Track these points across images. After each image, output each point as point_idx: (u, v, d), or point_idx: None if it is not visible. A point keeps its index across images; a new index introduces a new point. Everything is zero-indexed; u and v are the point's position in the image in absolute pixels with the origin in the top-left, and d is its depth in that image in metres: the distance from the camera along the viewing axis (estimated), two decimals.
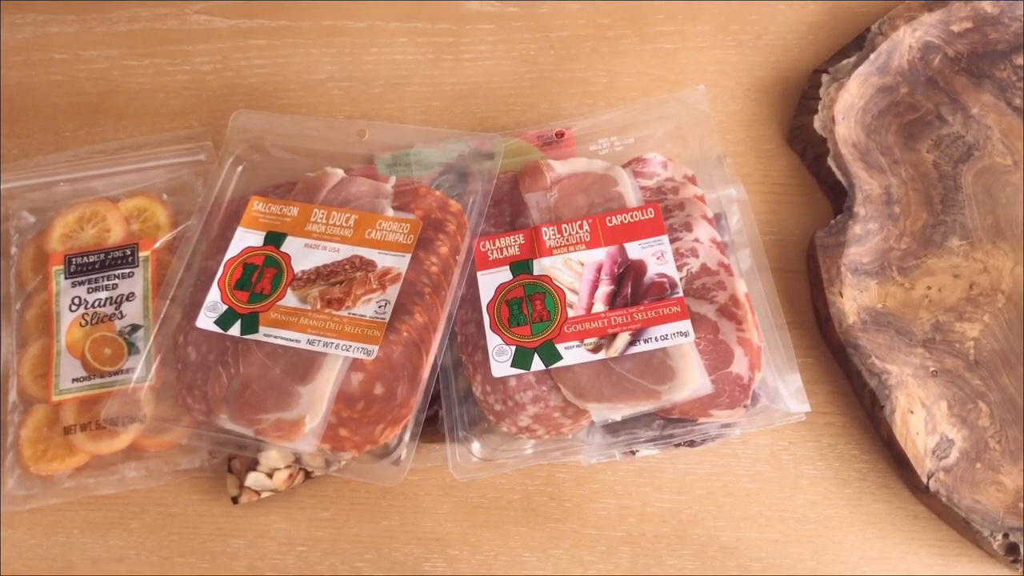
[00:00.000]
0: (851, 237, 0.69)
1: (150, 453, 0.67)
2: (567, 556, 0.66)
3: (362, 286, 0.64)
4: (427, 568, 0.66)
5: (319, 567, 0.67)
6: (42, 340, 0.69)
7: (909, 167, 0.73)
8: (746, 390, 0.60)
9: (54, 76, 0.82)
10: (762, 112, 0.78)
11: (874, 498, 0.66)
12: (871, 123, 0.75)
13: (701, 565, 0.65)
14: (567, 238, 0.65)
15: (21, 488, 0.67)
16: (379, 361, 0.61)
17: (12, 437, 0.67)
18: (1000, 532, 0.62)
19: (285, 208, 0.68)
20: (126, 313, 0.69)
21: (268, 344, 0.63)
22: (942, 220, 0.71)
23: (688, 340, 0.60)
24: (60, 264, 0.70)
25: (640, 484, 0.68)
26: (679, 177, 0.68)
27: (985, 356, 0.68)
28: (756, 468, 0.68)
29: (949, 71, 0.76)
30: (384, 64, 0.81)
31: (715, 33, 0.81)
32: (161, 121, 0.80)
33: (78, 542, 0.68)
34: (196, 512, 0.68)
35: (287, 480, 0.65)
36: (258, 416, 0.61)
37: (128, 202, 0.73)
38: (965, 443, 0.65)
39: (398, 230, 0.66)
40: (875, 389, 0.65)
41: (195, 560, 0.67)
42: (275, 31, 0.82)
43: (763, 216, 0.74)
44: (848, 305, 0.68)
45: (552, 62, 0.80)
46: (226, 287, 0.65)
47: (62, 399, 0.67)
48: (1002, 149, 0.73)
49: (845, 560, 0.65)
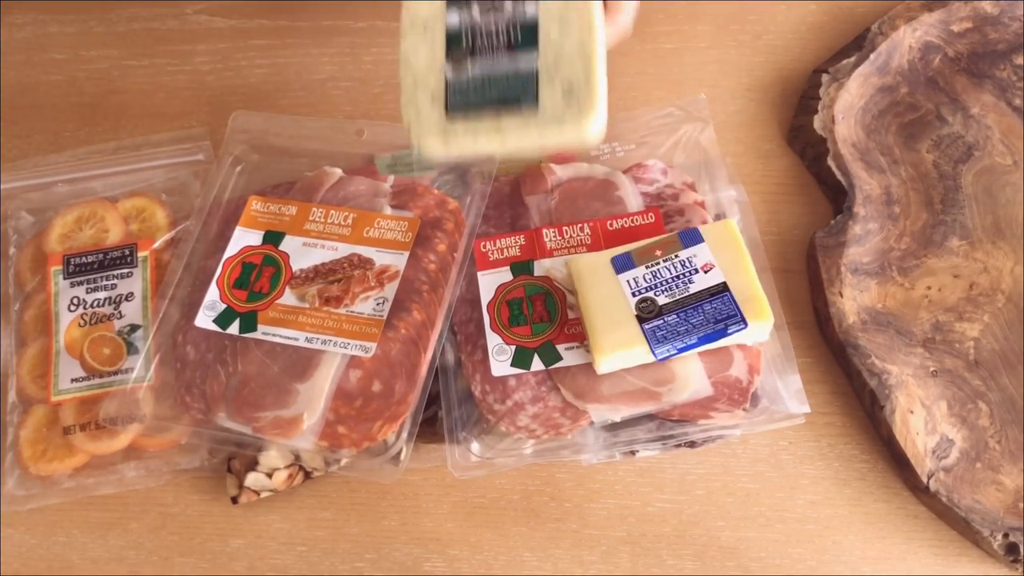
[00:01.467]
0: (851, 237, 0.69)
1: (150, 453, 0.67)
2: (567, 556, 0.66)
3: (360, 284, 0.64)
4: (427, 568, 0.66)
5: (319, 567, 0.66)
6: (41, 340, 0.69)
7: (909, 167, 0.73)
8: (745, 393, 0.60)
9: (54, 76, 0.82)
10: (762, 112, 0.78)
11: (874, 498, 0.66)
12: (871, 123, 0.75)
13: (701, 565, 0.65)
14: (568, 240, 0.66)
15: (21, 488, 0.66)
16: (377, 358, 0.61)
17: (11, 437, 0.67)
18: (1000, 532, 0.62)
19: (283, 207, 0.68)
20: (125, 313, 0.69)
21: (267, 342, 0.63)
22: (942, 220, 0.71)
23: None
24: (59, 264, 0.70)
25: (640, 484, 0.68)
26: (679, 183, 0.68)
27: (985, 356, 0.67)
28: (756, 468, 0.68)
29: (949, 71, 0.76)
30: (384, 64, 0.81)
31: (715, 33, 0.81)
32: (161, 121, 0.80)
33: (78, 542, 0.68)
34: (196, 512, 0.68)
35: (287, 480, 0.65)
36: (256, 414, 0.61)
37: (127, 202, 0.73)
38: (965, 443, 0.65)
39: (396, 228, 0.66)
40: (875, 389, 0.65)
41: (195, 560, 0.67)
42: (275, 31, 0.82)
43: (763, 216, 0.74)
44: (848, 305, 0.68)
45: None
46: (225, 286, 0.65)
47: (61, 399, 0.67)
48: (1002, 149, 0.73)
49: (845, 560, 0.65)
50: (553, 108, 0.55)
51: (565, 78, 0.55)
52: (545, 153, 0.55)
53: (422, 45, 0.58)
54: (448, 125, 0.56)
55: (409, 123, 0.57)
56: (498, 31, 0.57)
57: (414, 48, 0.58)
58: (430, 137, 0.56)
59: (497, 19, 0.57)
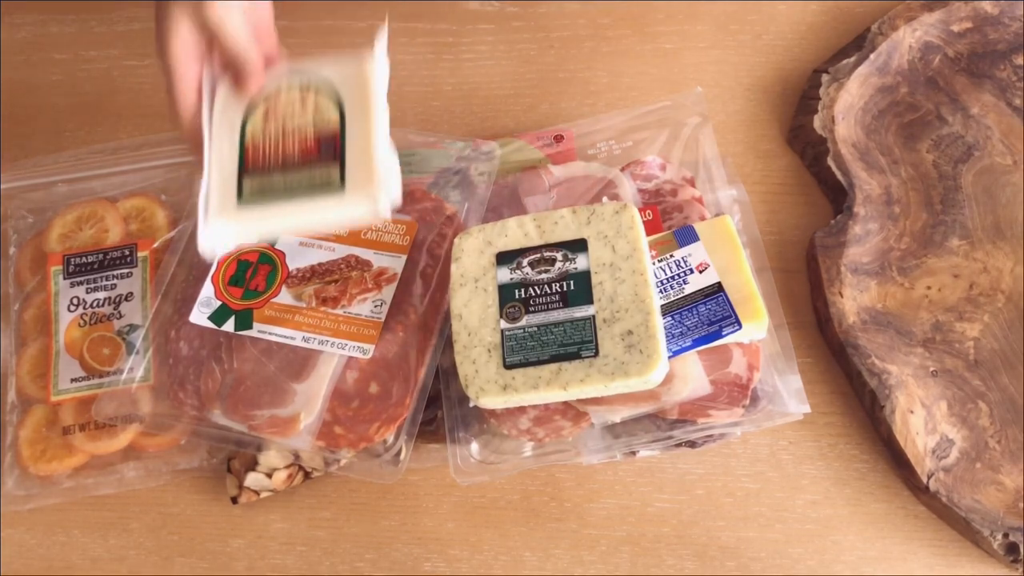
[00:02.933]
0: (851, 237, 0.69)
1: (149, 453, 0.67)
2: (567, 556, 0.66)
3: (357, 285, 0.64)
4: (427, 568, 0.66)
5: (319, 567, 0.66)
6: (41, 340, 0.69)
7: (909, 167, 0.73)
8: (745, 390, 0.60)
9: (54, 76, 0.82)
10: (762, 112, 0.78)
11: (874, 498, 0.66)
12: (871, 123, 0.75)
13: (701, 565, 0.65)
14: None
15: (20, 488, 0.67)
16: (374, 360, 0.61)
17: (11, 437, 0.67)
18: (1000, 532, 0.62)
19: None
20: (124, 313, 0.69)
21: (263, 341, 0.63)
22: (942, 220, 0.71)
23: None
24: (59, 264, 0.70)
25: (640, 484, 0.68)
26: (677, 179, 0.68)
27: (985, 356, 0.67)
28: (756, 468, 0.68)
29: (949, 71, 0.76)
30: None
31: (715, 33, 0.81)
32: (161, 121, 0.80)
33: (78, 542, 0.68)
34: (196, 512, 0.68)
35: (286, 480, 0.65)
36: (252, 412, 0.61)
37: (127, 202, 0.73)
38: (965, 443, 0.65)
39: (394, 231, 0.66)
40: (875, 389, 0.65)
41: (195, 560, 0.67)
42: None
43: (763, 216, 0.74)
44: (848, 305, 0.68)
45: (552, 62, 0.80)
46: (220, 283, 0.65)
47: (61, 399, 0.67)
48: (1002, 149, 0.73)
49: (845, 560, 0.65)
50: (615, 356, 0.56)
51: (624, 326, 0.56)
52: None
53: (475, 300, 0.60)
54: (507, 378, 0.57)
55: (466, 377, 0.58)
56: (550, 283, 0.59)
57: (466, 303, 0.60)
58: (490, 391, 0.57)
59: (548, 272, 0.59)
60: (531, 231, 0.61)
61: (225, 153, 0.58)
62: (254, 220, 0.57)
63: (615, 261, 0.59)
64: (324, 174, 0.57)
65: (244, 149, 0.58)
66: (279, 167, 0.57)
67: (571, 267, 0.59)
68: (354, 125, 0.58)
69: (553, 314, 0.58)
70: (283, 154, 0.58)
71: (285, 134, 0.58)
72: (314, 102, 0.59)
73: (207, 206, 0.57)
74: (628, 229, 0.59)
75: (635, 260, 0.58)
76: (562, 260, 0.59)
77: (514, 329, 0.58)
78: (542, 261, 0.59)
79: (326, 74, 0.60)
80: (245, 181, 0.57)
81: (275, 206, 0.57)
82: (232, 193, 0.57)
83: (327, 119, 0.58)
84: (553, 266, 0.59)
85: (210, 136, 0.58)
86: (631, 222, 0.60)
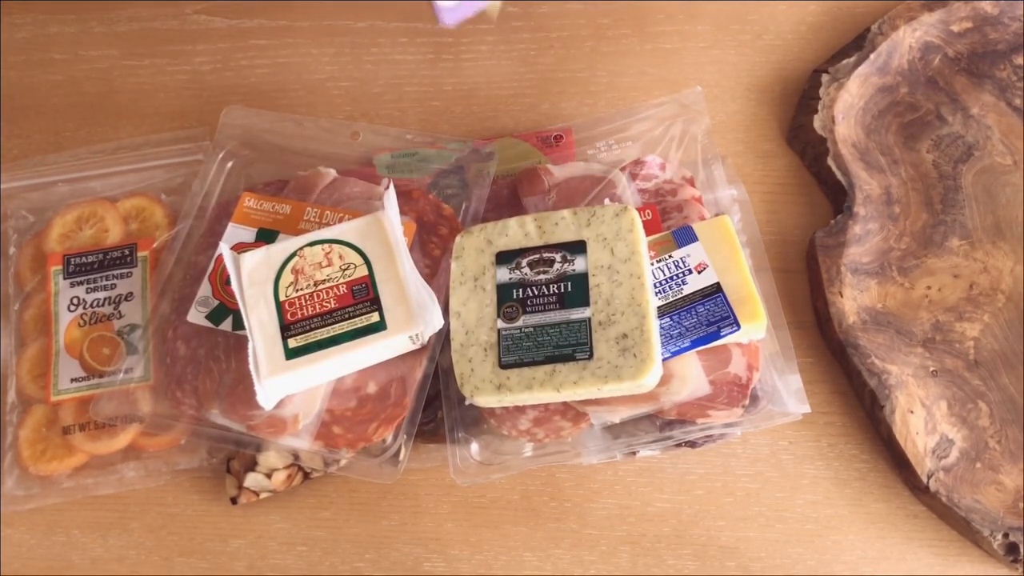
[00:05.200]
0: (851, 237, 0.69)
1: (149, 453, 0.67)
2: (567, 556, 0.66)
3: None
4: (427, 568, 0.66)
5: (319, 567, 0.66)
6: (41, 340, 0.69)
7: (909, 167, 0.73)
8: (744, 390, 0.60)
9: (54, 76, 0.82)
10: (762, 112, 0.78)
11: (874, 498, 0.66)
12: (871, 123, 0.75)
13: (701, 565, 0.65)
14: None
15: (20, 488, 0.67)
16: None
17: (11, 437, 0.67)
18: (1000, 532, 0.62)
19: (277, 205, 0.68)
20: (124, 313, 0.69)
21: None
22: (942, 220, 0.71)
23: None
24: (59, 264, 0.70)
25: (640, 484, 0.68)
26: (677, 179, 0.68)
27: (985, 356, 0.67)
28: (756, 468, 0.68)
29: (949, 71, 0.76)
30: (384, 64, 0.81)
31: (715, 33, 0.81)
32: (161, 121, 0.80)
33: (78, 542, 0.68)
34: (196, 512, 0.68)
35: (286, 481, 0.65)
36: (251, 412, 0.61)
37: (127, 202, 0.73)
38: (965, 443, 0.65)
39: None
40: (875, 389, 0.65)
41: (195, 560, 0.67)
42: (275, 31, 0.82)
43: (763, 216, 0.74)
44: (848, 305, 0.68)
45: (552, 62, 0.80)
46: (217, 282, 0.65)
47: (61, 399, 0.67)
48: (1002, 149, 0.73)
49: (845, 560, 0.65)
50: (609, 359, 0.56)
51: (619, 330, 0.57)
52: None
53: (473, 299, 0.60)
54: (502, 377, 0.58)
55: (462, 375, 0.59)
56: (548, 283, 0.59)
57: (464, 302, 0.60)
58: (484, 390, 0.58)
59: (547, 273, 0.59)
60: (531, 231, 0.61)
61: (264, 315, 0.61)
62: (304, 369, 0.59)
63: (613, 264, 0.59)
64: (365, 319, 0.60)
65: (280, 307, 0.61)
66: (318, 318, 0.60)
67: (569, 269, 0.59)
68: (381, 268, 0.61)
69: (549, 315, 0.58)
70: (319, 305, 0.60)
71: (317, 286, 0.61)
72: (338, 254, 0.62)
73: (257, 368, 0.59)
74: (628, 232, 0.59)
75: (633, 263, 0.58)
76: (561, 261, 0.59)
77: (511, 329, 0.58)
78: (541, 262, 0.59)
79: (341, 230, 0.63)
80: (288, 339, 0.60)
81: (322, 353, 0.59)
82: (279, 351, 0.59)
83: (354, 267, 0.61)
84: (552, 267, 0.59)
85: (244, 303, 0.61)
86: (631, 225, 0.60)
